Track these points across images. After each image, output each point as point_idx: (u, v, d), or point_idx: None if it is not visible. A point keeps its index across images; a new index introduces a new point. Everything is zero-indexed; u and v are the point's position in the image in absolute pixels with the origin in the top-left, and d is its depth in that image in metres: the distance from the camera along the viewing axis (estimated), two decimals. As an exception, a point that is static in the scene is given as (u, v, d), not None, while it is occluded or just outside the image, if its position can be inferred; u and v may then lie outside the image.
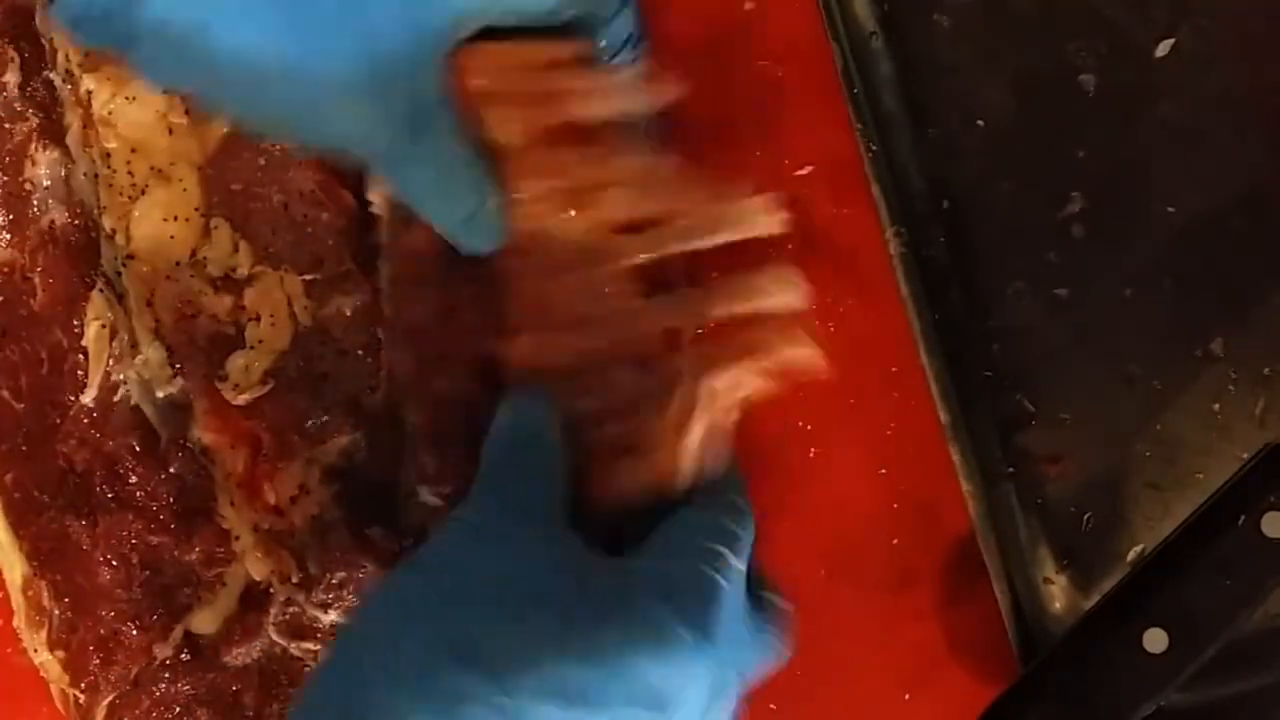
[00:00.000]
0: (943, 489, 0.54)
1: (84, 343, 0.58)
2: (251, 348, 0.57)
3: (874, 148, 0.55)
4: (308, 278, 0.57)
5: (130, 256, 0.57)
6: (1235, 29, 0.54)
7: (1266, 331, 0.53)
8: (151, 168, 0.57)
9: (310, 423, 0.57)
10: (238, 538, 0.57)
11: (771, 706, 0.57)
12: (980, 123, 0.56)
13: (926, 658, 0.56)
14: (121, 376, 0.58)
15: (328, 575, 0.56)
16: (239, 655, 0.57)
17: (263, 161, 0.57)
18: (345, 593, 0.56)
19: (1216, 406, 0.54)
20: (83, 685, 0.57)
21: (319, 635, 0.57)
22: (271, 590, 0.57)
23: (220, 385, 0.57)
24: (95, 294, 0.58)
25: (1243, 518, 0.48)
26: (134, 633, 0.57)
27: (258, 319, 0.57)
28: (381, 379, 0.57)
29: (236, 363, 0.57)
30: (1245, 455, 0.51)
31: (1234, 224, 0.54)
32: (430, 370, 0.56)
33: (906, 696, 0.56)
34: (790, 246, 0.57)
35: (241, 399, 0.57)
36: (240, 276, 0.57)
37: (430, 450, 0.56)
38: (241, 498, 0.57)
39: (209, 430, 0.57)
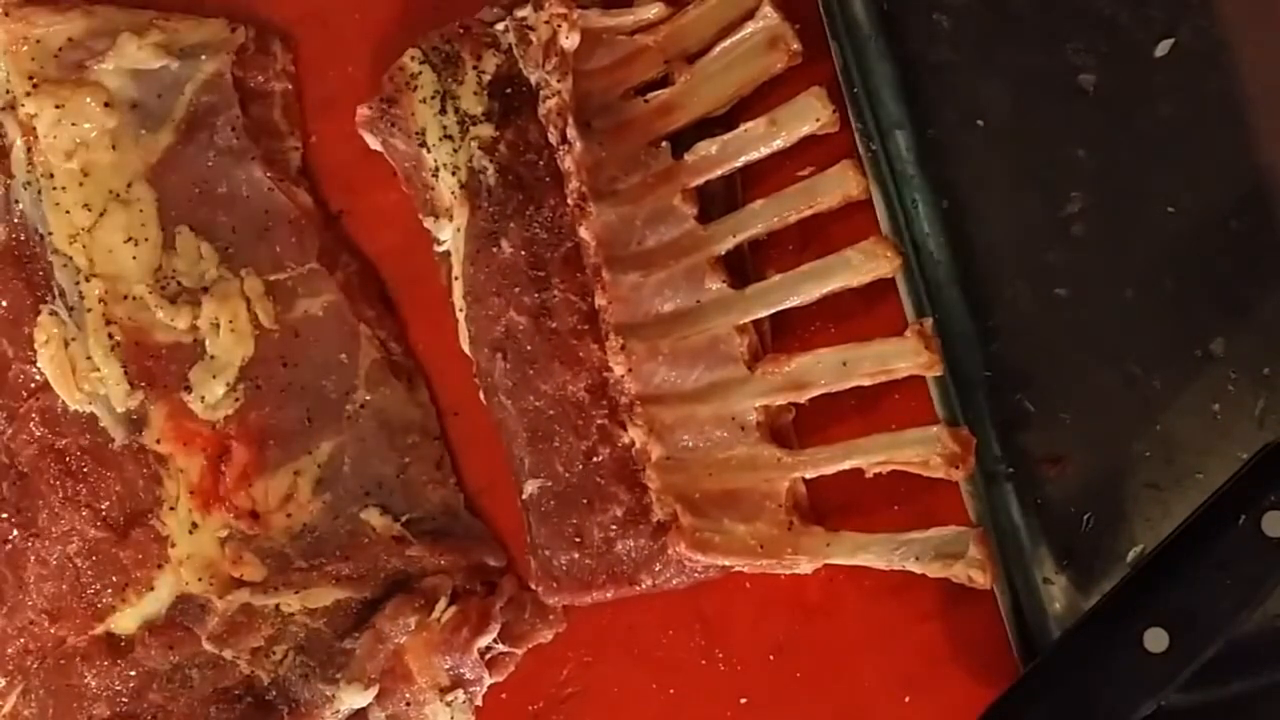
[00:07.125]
0: (942, 489, 0.54)
1: (39, 364, 0.58)
2: (213, 357, 0.57)
3: (873, 147, 0.55)
4: (270, 279, 0.58)
5: (89, 277, 0.57)
6: (1234, 28, 0.54)
7: (1266, 332, 0.54)
8: (110, 191, 0.58)
9: (291, 431, 0.57)
10: (174, 545, 0.57)
11: (742, 701, 0.57)
12: (980, 123, 0.56)
13: (927, 658, 0.56)
14: (79, 394, 0.58)
15: (312, 570, 0.57)
16: (156, 657, 0.57)
17: (211, 160, 0.58)
18: (327, 582, 0.57)
19: (1216, 406, 0.54)
20: (-1, 672, 0.58)
21: (262, 633, 0.57)
22: (203, 601, 0.57)
23: (185, 396, 0.57)
24: (45, 315, 0.58)
25: (1243, 517, 0.49)
26: (52, 628, 0.58)
27: (217, 327, 0.57)
28: (360, 379, 0.58)
29: (201, 375, 0.57)
30: (1245, 455, 0.51)
31: (1233, 224, 0.54)
32: (528, 373, 0.56)
33: (907, 698, 0.56)
34: (790, 247, 0.57)
35: (212, 413, 0.57)
36: (205, 283, 0.58)
37: (527, 447, 0.56)
38: (198, 505, 0.57)
39: (166, 438, 0.57)
